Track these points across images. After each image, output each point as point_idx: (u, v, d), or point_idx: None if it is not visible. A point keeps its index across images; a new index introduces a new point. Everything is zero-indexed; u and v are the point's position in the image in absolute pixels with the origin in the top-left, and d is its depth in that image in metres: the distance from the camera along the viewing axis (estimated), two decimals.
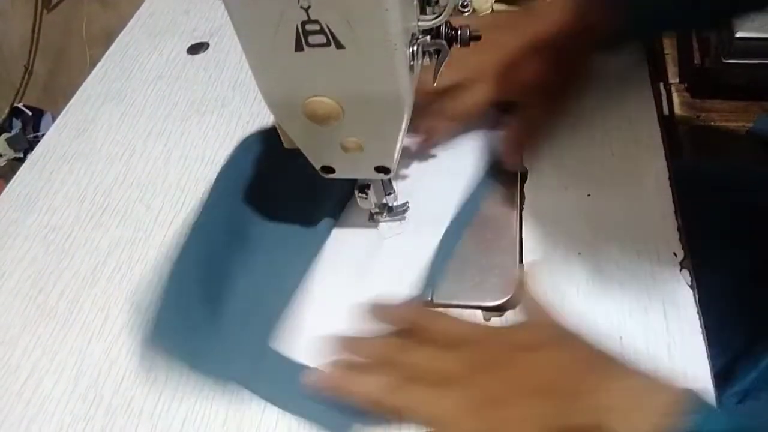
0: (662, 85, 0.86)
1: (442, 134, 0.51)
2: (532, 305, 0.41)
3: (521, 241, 0.46)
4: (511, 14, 0.51)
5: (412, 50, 0.35)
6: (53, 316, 0.47)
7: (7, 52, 1.73)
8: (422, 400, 0.36)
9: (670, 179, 0.48)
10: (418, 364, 0.37)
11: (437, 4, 0.39)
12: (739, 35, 0.71)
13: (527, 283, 0.42)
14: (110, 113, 0.64)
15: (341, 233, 0.48)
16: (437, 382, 0.36)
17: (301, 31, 0.31)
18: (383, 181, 0.45)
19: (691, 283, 0.42)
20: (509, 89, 0.48)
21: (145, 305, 0.45)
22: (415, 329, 0.39)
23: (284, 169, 0.48)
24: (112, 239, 0.52)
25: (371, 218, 0.48)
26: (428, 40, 0.37)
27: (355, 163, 0.41)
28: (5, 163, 1.67)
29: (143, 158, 0.58)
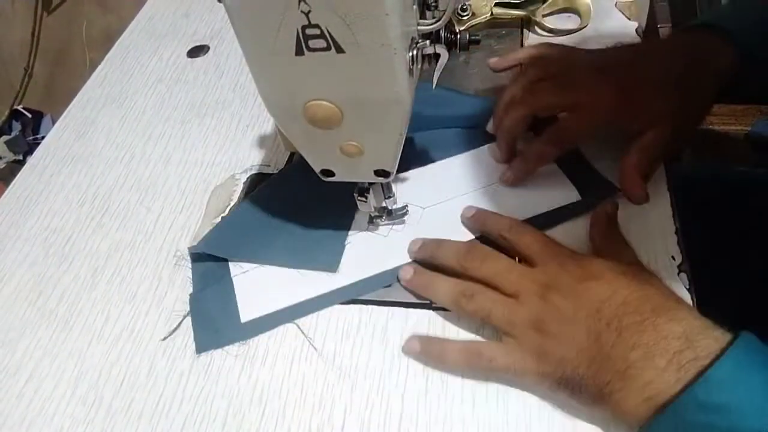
0: None
1: (547, 159, 0.48)
2: (604, 240, 0.44)
3: None
4: (631, 49, 0.48)
5: (411, 54, 0.35)
6: (53, 318, 0.47)
7: (7, 54, 1.73)
8: (498, 307, 0.39)
9: (668, 183, 0.48)
10: (497, 273, 0.41)
11: (437, 8, 0.39)
12: None
13: (600, 219, 0.45)
14: (110, 116, 0.64)
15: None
16: (512, 293, 0.39)
17: (301, 35, 0.31)
18: (383, 184, 0.45)
19: (688, 286, 0.42)
20: (633, 117, 0.45)
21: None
22: (502, 239, 0.43)
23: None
24: (112, 242, 0.52)
25: (371, 221, 0.48)
26: (428, 44, 0.37)
27: (354, 166, 0.41)
28: (5, 165, 1.67)
29: (143, 161, 0.58)
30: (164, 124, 0.62)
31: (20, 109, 1.76)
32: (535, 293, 0.39)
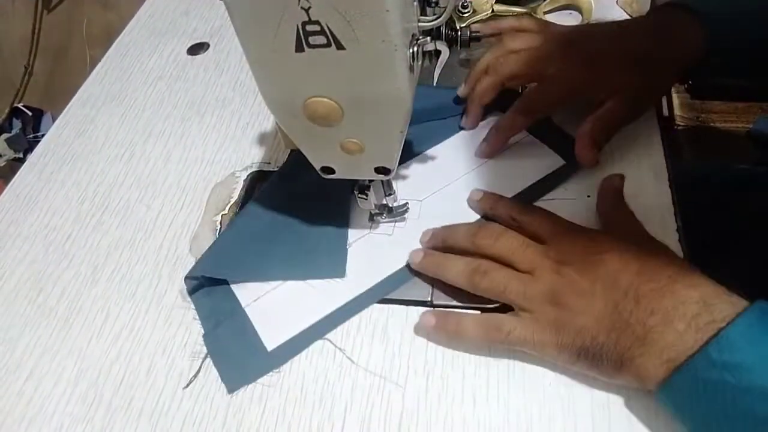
0: None
1: (518, 129, 0.51)
2: (612, 212, 0.45)
3: None
4: (603, 26, 0.52)
5: (412, 51, 0.35)
6: (53, 316, 0.47)
7: (7, 52, 1.73)
8: (513, 282, 0.39)
9: (669, 180, 0.48)
10: (511, 250, 0.41)
11: (437, 5, 0.39)
12: None
13: (608, 193, 0.46)
14: (110, 114, 0.64)
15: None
16: (527, 269, 0.40)
17: (301, 31, 0.31)
18: (383, 181, 0.45)
19: None
20: (597, 89, 0.48)
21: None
22: (512, 221, 0.44)
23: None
24: (112, 240, 0.52)
25: (371, 219, 0.48)
26: (428, 40, 0.37)
27: (355, 163, 0.41)
28: (5, 163, 1.67)
29: (143, 159, 0.58)
30: (164, 121, 0.62)
31: (20, 106, 1.76)
32: (549, 268, 0.39)
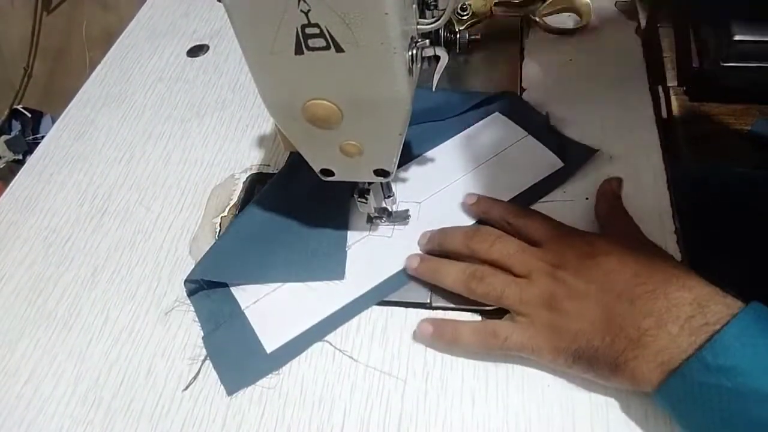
0: (660, 88, 0.87)
1: None
2: (609, 215, 0.45)
3: None
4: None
5: (411, 54, 0.35)
6: (53, 318, 0.47)
7: (6, 53, 1.73)
8: (510, 287, 0.40)
9: (667, 182, 0.48)
10: (506, 255, 0.41)
11: (436, 7, 0.39)
12: (737, 38, 0.71)
13: (605, 195, 0.46)
14: (110, 115, 0.64)
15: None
16: (523, 273, 0.40)
17: (300, 34, 0.31)
18: (382, 184, 0.45)
19: None
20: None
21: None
22: (507, 225, 0.44)
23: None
24: (111, 241, 0.52)
25: (369, 221, 0.48)
26: (427, 44, 0.37)
27: (354, 166, 0.41)
28: (4, 165, 1.67)
29: (143, 160, 0.58)
30: (164, 123, 0.62)
31: (20, 108, 1.75)
32: (545, 272, 0.39)
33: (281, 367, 0.42)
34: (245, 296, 0.46)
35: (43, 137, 0.65)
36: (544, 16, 0.63)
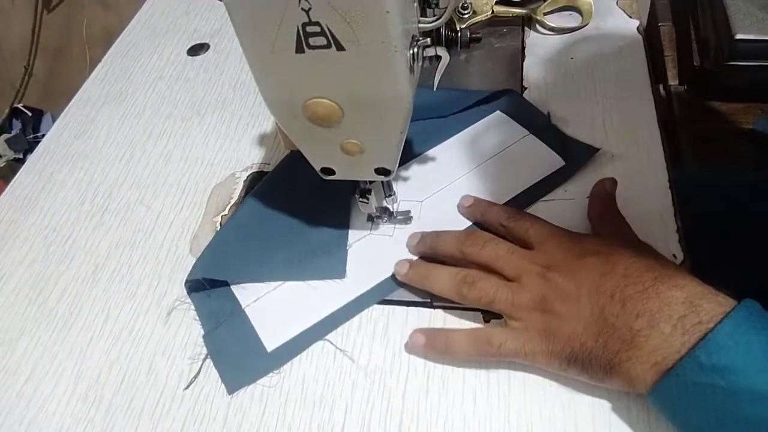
0: (662, 86, 0.87)
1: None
2: (602, 216, 0.45)
3: None
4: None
5: (412, 52, 0.35)
6: (53, 317, 0.47)
7: (7, 52, 1.73)
8: (501, 291, 0.39)
9: (669, 181, 0.48)
10: (497, 257, 0.41)
11: (437, 6, 0.39)
12: (738, 37, 0.71)
13: (599, 196, 0.46)
14: (110, 114, 0.64)
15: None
16: (514, 276, 0.40)
17: (301, 32, 0.31)
18: (383, 183, 0.45)
19: None
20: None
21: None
22: (501, 227, 0.44)
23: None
24: (112, 240, 0.52)
25: (370, 219, 0.48)
26: (428, 42, 0.37)
27: (355, 164, 0.41)
28: (5, 164, 1.67)
29: (143, 159, 0.58)
30: (164, 122, 0.62)
31: (20, 107, 1.76)
32: (536, 274, 0.39)
33: (282, 365, 0.42)
34: (246, 294, 0.46)
35: (43, 136, 0.65)
36: (545, 14, 0.63)
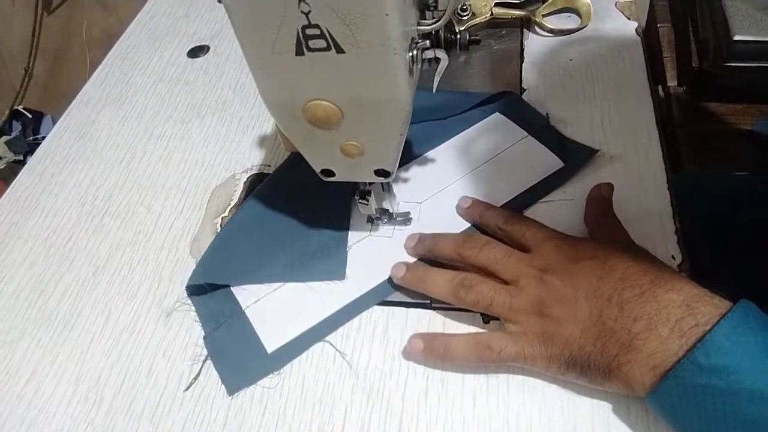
0: (661, 88, 0.87)
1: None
2: (599, 220, 0.45)
3: None
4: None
5: (411, 54, 0.35)
6: (54, 318, 0.47)
7: (7, 54, 1.74)
8: (499, 295, 0.39)
9: (668, 183, 0.48)
10: (494, 260, 0.41)
11: (436, 8, 0.39)
12: (737, 38, 0.71)
13: (595, 200, 0.46)
14: (111, 116, 0.64)
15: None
16: (511, 279, 0.40)
17: (301, 35, 0.31)
18: (383, 184, 0.45)
19: None
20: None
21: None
22: (498, 230, 0.44)
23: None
24: (112, 242, 0.52)
25: (370, 221, 0.48)
26: (428, 44, 0.37)
27: (355, 166, 0.41)
28: (5, 165, 1.67)
29: (144, 161, 0.58)
30: (164, 124, 0.62)
31: (20, 109, 1.76)
32: (533, 277, 0.39)
33: (282, 367, 0.42)
34: (246, 296, 0.46)
35: (43, 138, 0.65)
36: (544, 16, 0.63)
